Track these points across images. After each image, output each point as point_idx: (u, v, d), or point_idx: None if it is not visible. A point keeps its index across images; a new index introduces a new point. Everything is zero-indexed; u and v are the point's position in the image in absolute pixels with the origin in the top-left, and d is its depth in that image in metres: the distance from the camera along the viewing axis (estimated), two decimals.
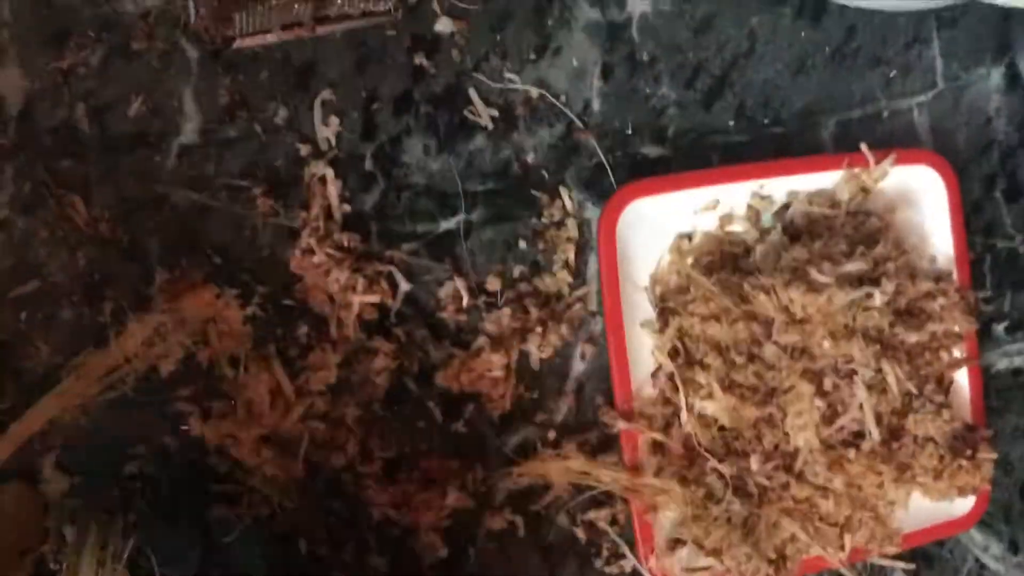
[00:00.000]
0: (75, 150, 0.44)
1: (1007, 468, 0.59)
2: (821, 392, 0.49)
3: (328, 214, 0.47)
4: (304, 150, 0.47)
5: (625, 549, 0.51)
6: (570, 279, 0.51)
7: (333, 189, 0.47)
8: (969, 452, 0.53)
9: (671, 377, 0.50)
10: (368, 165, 0.48)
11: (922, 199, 0.55)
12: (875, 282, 0.50)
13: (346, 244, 0.47)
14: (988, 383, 0.57)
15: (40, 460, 0.44)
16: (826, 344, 0.49)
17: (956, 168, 0.54)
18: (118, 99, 0.45)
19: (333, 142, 0.47)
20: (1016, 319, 0.59)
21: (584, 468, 0.49)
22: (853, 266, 0.50)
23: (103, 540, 0.43)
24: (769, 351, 0.49)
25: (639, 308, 0.51)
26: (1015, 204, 0.58)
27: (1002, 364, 0.59)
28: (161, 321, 0.43)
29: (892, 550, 0.53)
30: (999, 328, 0.59)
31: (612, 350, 0.50)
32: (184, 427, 0.46)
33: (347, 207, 0.47)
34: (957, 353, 0.55)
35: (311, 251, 0.46)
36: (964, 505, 0.55)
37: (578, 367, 0.52)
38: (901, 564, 0.56)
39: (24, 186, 0.44)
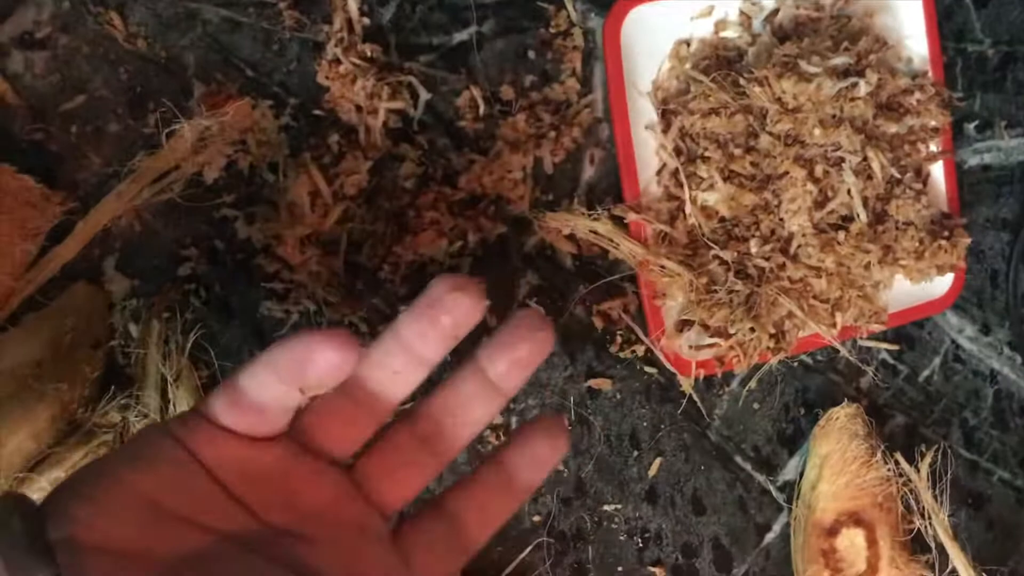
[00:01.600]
0: None
1: (979, 256, 0.64)
2: (813, 178, 0.54)
3: (350, 27, 0.50)
4: None
5: (639, 332, 0.56)
6: (578, 87, 0.54)
7: (352, 2, 0.50)
8: (946, 234, 0.58)
9: (675, 173, 0.54)
10: None
11: (898, 3, 0.58)
12: (859, 74, 0.54)
13: (369, 54, 0.50)
14: (961, 178, 0.62)
15: (102, 263, 0.48)
16: (816, 132, 0.53)
17: None
18: None
19: None
20: (985, 118, 0.63)
21: (609, 232, 0.52)
22: (839, 59, 0.53)
23: (166, 336, 0.47)
24: (764, 141, 0.53)
25: (643, 112, 0.55)
26: (984, 9, 0.62)
27: (973, 160, 0.63)
28: (207, 126, 0.46)
29: (878, 327, 0.58)
30: (970, 127, 0.63)
31: (620, 151, 0.54)
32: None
33: (367, 20, 0.50)
34: (934, 147, 0.59)
35: (337, 61, 0.49)
36: (941, 287, 0.61)
37: (588, 171, 0.55)
38: (886, 345, 0.62)
39: (63, 4, 0.46)
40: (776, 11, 0.56)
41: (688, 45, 0.55)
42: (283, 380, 0.27)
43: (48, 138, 0.46)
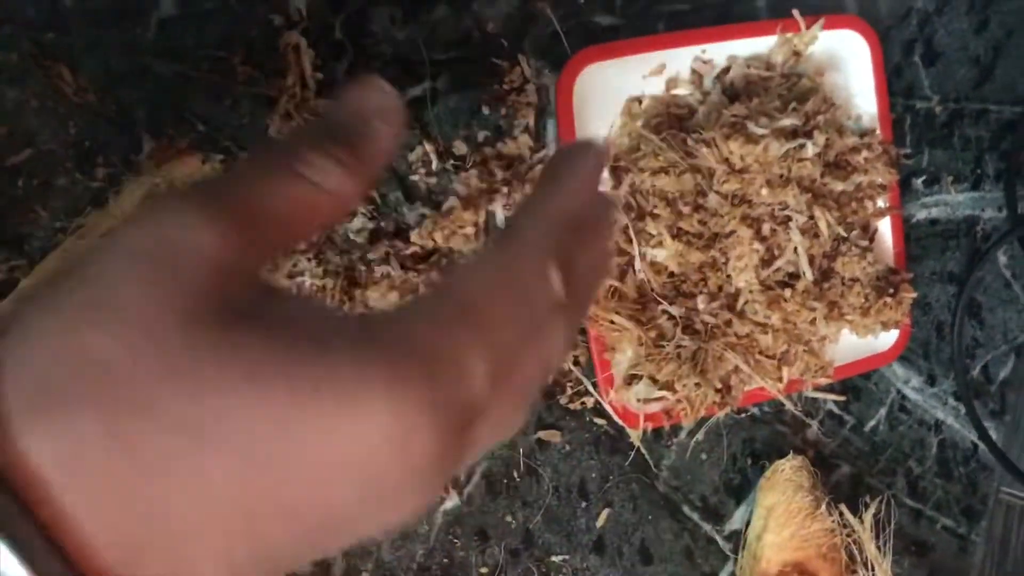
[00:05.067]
0: (58, 23, 0.46)
1: (925, 308, 0.65)
2: (760, 236, 0.55)
3: (303, 82, 0.50)
4: (277, 20, 0.49)
5: (588, 385, 0.56)
6: (531, 142, 0.55)
7: (306, 58, 0.50)
8: (892, 291, 0.59)
9: (625, 229, 0.55)
10: (338, 34, 0.51)
11: (848, 62, 0.60)
12: (807, 135, 0.55)
13: (321, 110, 0.50)
14: (908, 232, 0.63)
15: None
16: (764, 192, 0.54)
17: (878, 33, 0.59)
18: None
19: (304, 12, 0.50)
20: (933, 174, 0.65)
21: None
22: (787, 120, 0.54)
23: None
24: (712, 200, 0.54)
25: None
26: (932, 68, 0.64)
27: (921, 215, 0.65)
28: (155, 183, 0.46)
29: (824, 380, 0.59)
30: (918, 182, 0.64)
31: None
32: None
33: (320, 75, 0.50)
34: (881, 203, 0.60)
35: (289, 116, 0.50)
36: (887, 340, 0.62)
37: None
38: (832, 396, 0.63)
39: (12, 57, 0.46)
40: (727, 69, 0.57)
41: (640, 102, 0.56)
42: None
43: None
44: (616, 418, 0.56)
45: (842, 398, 0.63)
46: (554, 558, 0.56)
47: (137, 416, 0.17)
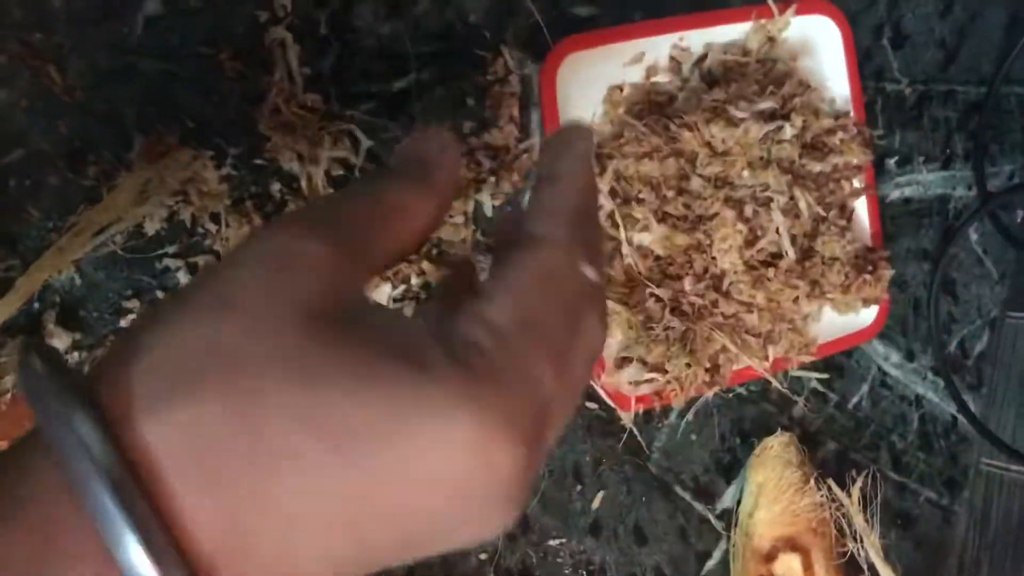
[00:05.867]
0: (46, 23, 0.46)
1: (902, 286, 0.67)
2: (742, 218, 0.56)
3: (290, 77, 0.51)
4: (263, 16, 0.50)
5: None
6: (516, 132, 0.56)
7: (292, 53, 0.50)
8: (870, 268, 0.61)
9: (611, 215, 0.56)
10: (323, 30, 0.51)
11: (821, 47, 0.61)
12: (785, 117, 0.56)
13: (309, 104, 0.51)
14: (883, 211, 0.65)
15: (42, 317, 0.47)
16: (745, 174, 0.55)
17: (848, 17, 0.61)
18: None
19: (289, 8, 0.50)
20: (905, 154, 0.66)
21: None
22: (765, 104, 0.56)
23: None
24: (695, 183, 0.55)
25: None
26: (900, 50, 0.65)
27: (895, 194, 0.66)
28: (148, 178, 0.46)
29: (808, 358, 0.61)
30: (891, 162, 0.66)
31: None
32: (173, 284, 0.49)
33: (307, 70, 0.51)
34: (857, 183, 0.62)
35: (278, 111, 0.50)
36: (867, 317, 0.63)
37: None
38: (816, 374, 0.64)
39: (0, 58, 0.46)
40: (704, 56, 0.58)
41: (621, 90, 0.57)
42: None
43: None
44: (609, 401, 0.57)
45: (825, 376, 0.64)
46: (551, 542, 0.57)
47: (256, 400, 0.19)
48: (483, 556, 0.56)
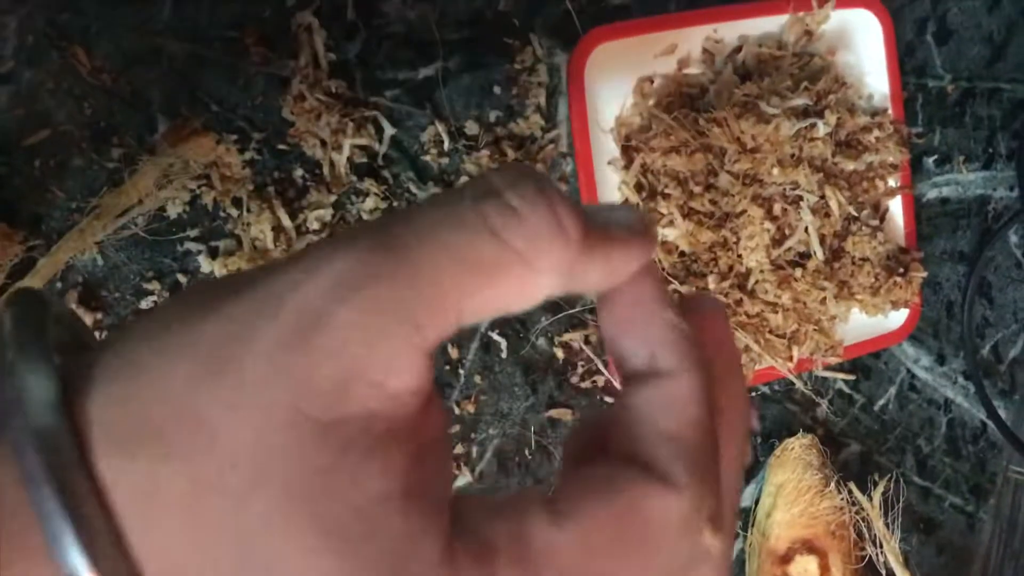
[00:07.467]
0: (73, 4, 0.47)
1: (935, 288, 0.66)
2: (771, 216, 0.55)
3: (316, 62, 0.50)
4: (290, 1, 0.49)
5: (599, 363, 0.57)
6: (542, 122, 0.55)
7: (319, 38, 0.50)
8: (902, 270, 0.60)
9: (635, 209, 0.55)
10: (350, 15, 0.51)
11: (860, 41, 0.59)
12: (818, 115, 0.55)
13: (334, 90, 0.50)
14: (919, 211, 0.63)
15: (64, 298, 0.48)
16: (775, 172, 0.54)
17: (891, 11, 0.59)
18: None
19: None
20: (944, 153, 0.65)
21: None
22: (799, 99, 0.54)
23: None
24: (723, 179, 0.54)
25: (605, 148, 0.56)
26: (945, 46, 0.63)
27: (932, 194, 0.65)
28: (170, 162, 0.46)
29: (834, 359, 0.59)
30: (929, 161, 0.64)
31: (582, 186, 0.55)
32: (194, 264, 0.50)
33: (332, 56, 0.51)
34: (892, 182, 0.60)
35: (302, 97, 0.50)
36: (897, 319, 0.62)
37: None
38: (842, 375, 0.63)
39: (27, 38, 0.46)
40: (739, 48, 0.57)
41: (651, 82, 0.56)
42: None
43: (11, 172, 0.47)
44: None
45: (852, 377, 0.63)
46: None
47: (227, 498, 0.16)
48: None
